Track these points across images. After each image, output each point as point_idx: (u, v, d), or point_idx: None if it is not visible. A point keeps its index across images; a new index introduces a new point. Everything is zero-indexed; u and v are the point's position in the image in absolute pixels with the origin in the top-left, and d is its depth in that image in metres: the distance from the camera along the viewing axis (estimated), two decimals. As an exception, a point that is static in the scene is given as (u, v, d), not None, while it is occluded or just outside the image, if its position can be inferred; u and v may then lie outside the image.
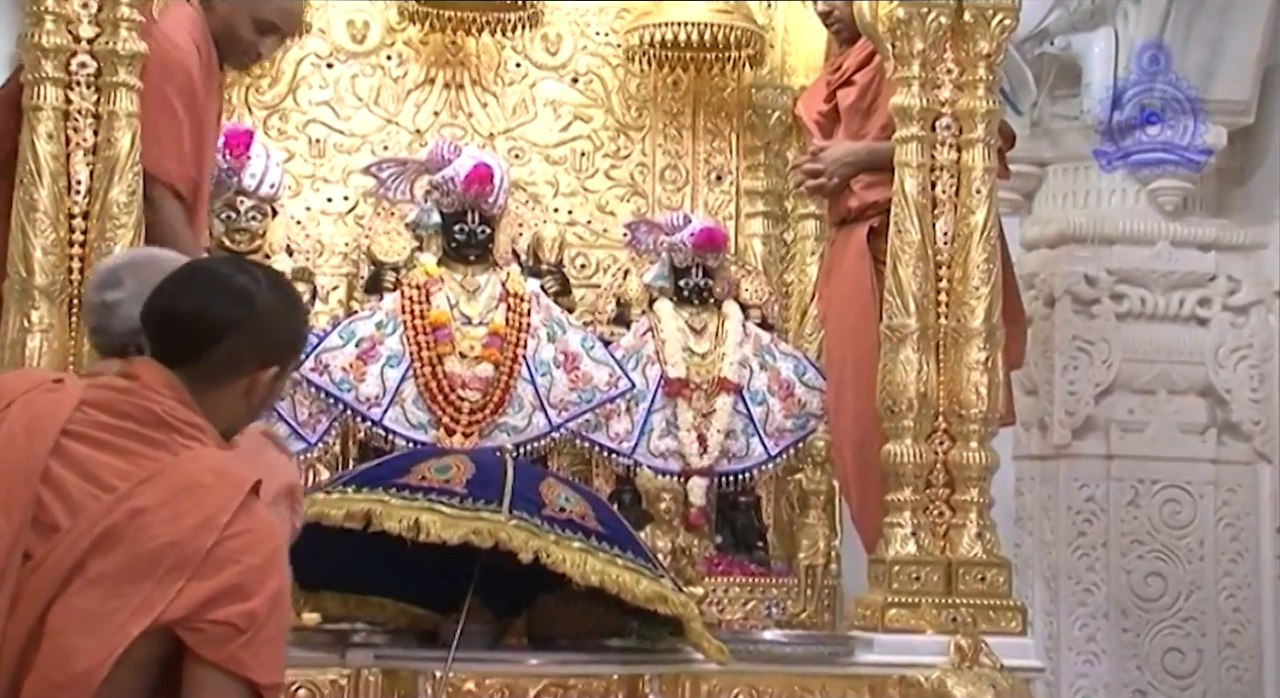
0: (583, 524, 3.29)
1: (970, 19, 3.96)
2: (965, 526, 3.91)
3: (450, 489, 3.26)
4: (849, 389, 4.12)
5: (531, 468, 3.62)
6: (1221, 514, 5.12)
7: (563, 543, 3.22)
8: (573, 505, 3.32)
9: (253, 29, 3.81)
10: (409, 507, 3.22)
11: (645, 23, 4.70)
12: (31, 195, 3.51)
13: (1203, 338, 5.15)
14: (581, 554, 3.21)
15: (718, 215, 4.82)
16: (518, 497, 3.26)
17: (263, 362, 2.25)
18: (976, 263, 3.94)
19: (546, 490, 3.33)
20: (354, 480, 3.38)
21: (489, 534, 3.17)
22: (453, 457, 3.44)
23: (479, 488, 3.27)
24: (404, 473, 3.33)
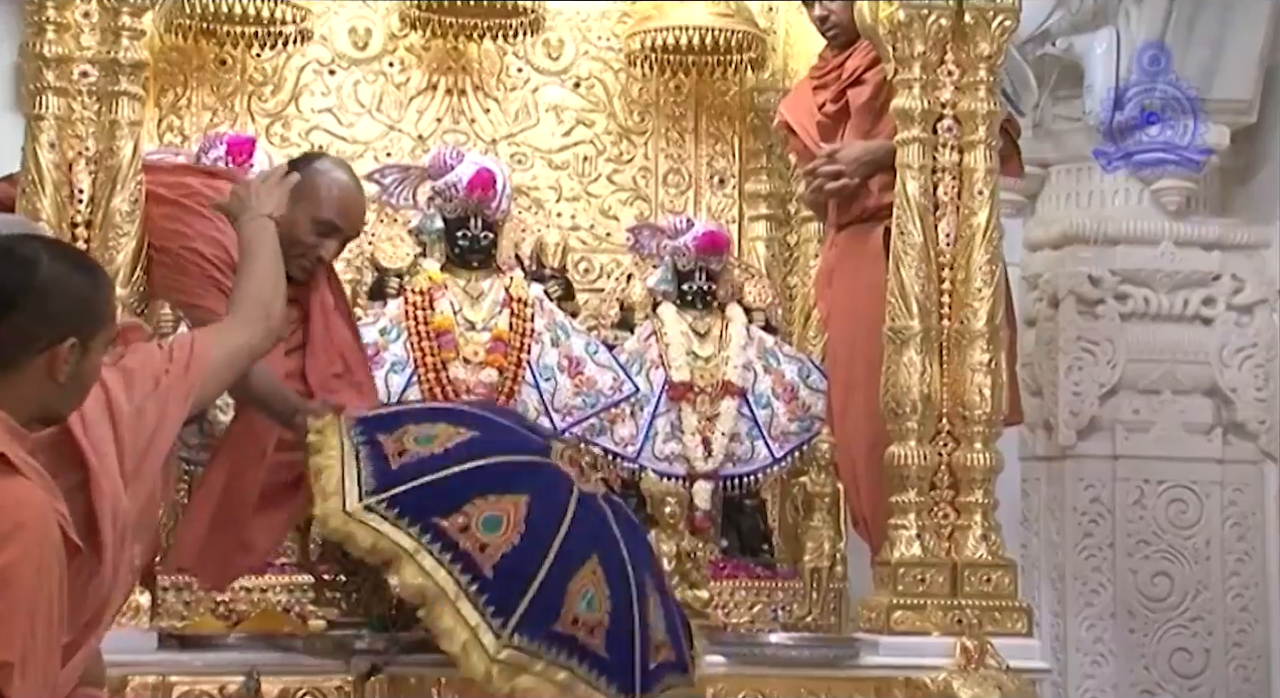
0: (585, 645, 3.16)
1: (971, 21, 3.96)
2: (970, 527, 3.91)
3: (478, 568, 3.12)
4: (860, 390, 4.12)
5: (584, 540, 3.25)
6: (1228, 514, 5.11)
7: (545, 675, 3.12)
8: (593, 613, 3.18)
9: (313, 232, 3.62)
10: (428, 585, 3.11)
11: (647, 27, 4.71)
12: (34, 205, 3.52)
13: (1207, 337, 5.15)
14: (560, 692, 3.12)
15: (720, 219, 4.83)
16: (534, 607, 3.13)
17: (57, 335, 2.20)
18: (979, 264, 3.94)
19: (576, 586, 3.17)
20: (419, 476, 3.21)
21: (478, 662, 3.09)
22: (511, 499, 3.21)
23: (503, 579, 3.13)
24: (456, 509, 3.17)
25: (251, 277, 2.95)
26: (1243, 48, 5.08)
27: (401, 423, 3.37)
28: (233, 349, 2.77)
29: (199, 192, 3.60)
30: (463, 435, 3.31)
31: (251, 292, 2.90)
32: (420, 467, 3.23)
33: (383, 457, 3.25)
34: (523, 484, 3.26)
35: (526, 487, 3.25)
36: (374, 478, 3.22)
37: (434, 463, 3.25)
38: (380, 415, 3.47)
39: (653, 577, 3.38)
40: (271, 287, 2.93)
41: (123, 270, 3.55)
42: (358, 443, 3.28)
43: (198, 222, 3.55)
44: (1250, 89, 5.12)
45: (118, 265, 3.55)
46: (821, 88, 4.40)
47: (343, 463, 3.24)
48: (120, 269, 3.55)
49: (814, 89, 4.43)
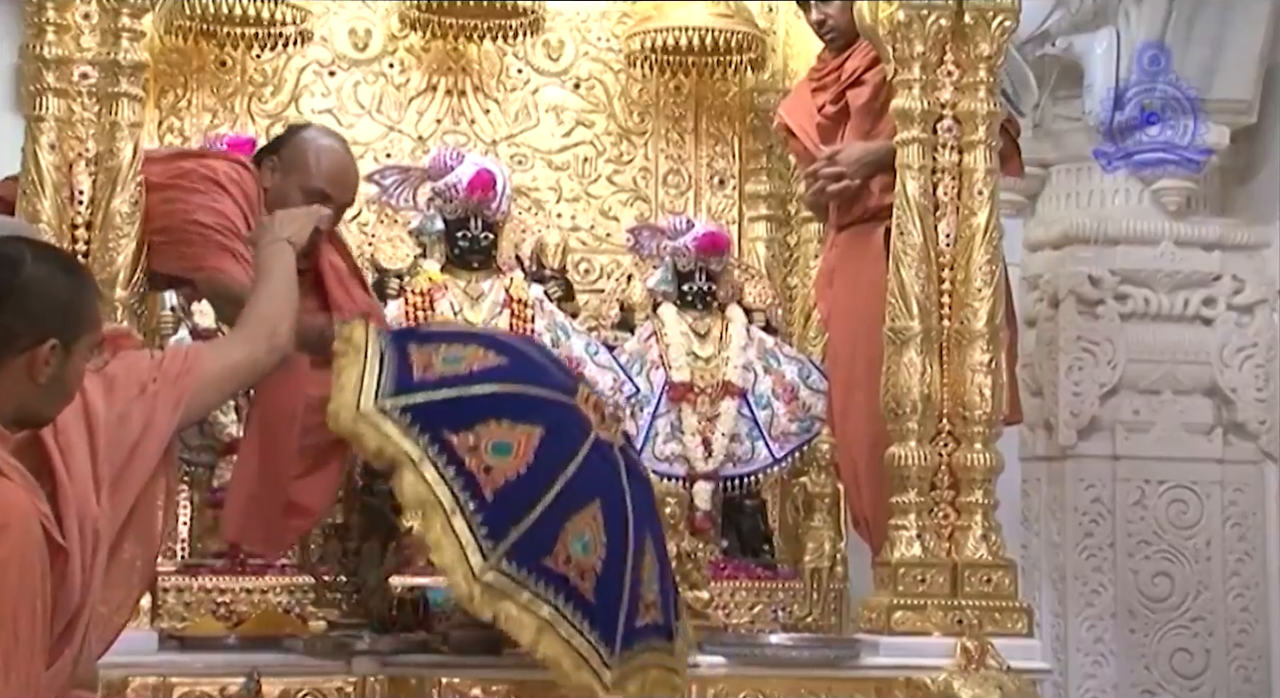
0: (574, 586, 3.11)
1: (970, 21, 3.96)
2: (970, 527, 3.90)
3: (479, 489, 3.08)
4: (860, 390, 4.12)
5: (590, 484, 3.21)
6: (1228, 514, 5.11)
7: (529, 608, 3.09)
8: (586, 557, 3.13)
9: (305, 202, 3.57)
10: (426, 495, 3.06)
11: (646, 28, 4.71)
12: (34, 206, 3.52)
13: (1207, 338, 5.15)
14: (539, 630, 3.08)
15: (721, 219, 4.83)
16: (527, 538, 3.09)
17: (38, 336, 2.19)
18: (979, 265, 3.94)
19: (573, 527, 3.13)
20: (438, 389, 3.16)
21: (462, 581, 3.05)
22: (525, 429, 3.15)
23: (502, 504, 3.09)
24: (468, 427, 3.10)
25: (261, 295, 2.96)
26: (1242, 48, 5.09)
27: (435, 341, 3.33)
28: (231, 363, 2.76)
29: (193, 170, 3.61)
30: (490, 361, 3.26)
31: (260, 309, 2.91)
32: (442, 381, 3.19)
33: (408, 367, 3.21)
34: (540, 417, 3.20)
35: (543, 420, 3.19)
36: (392, 383, 3.17)
37: (456, 381, 3.19)
38: (415, 330, 3.48)
39: (654, 538, 3.33)
40: (281, 306, 2.92)
41: (122, 272, 3.55)
42: (384, 349, 3.23)
43: (194, 196, 3.55)
44: (1250, 89, 5.12)
45: (118, 267, 3.55)
46: (821, 90, 4.40)
47: (365, 365, 3.18)
48: (120, 271, 3.55)
49: (813, 91, 4.43)
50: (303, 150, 3.67)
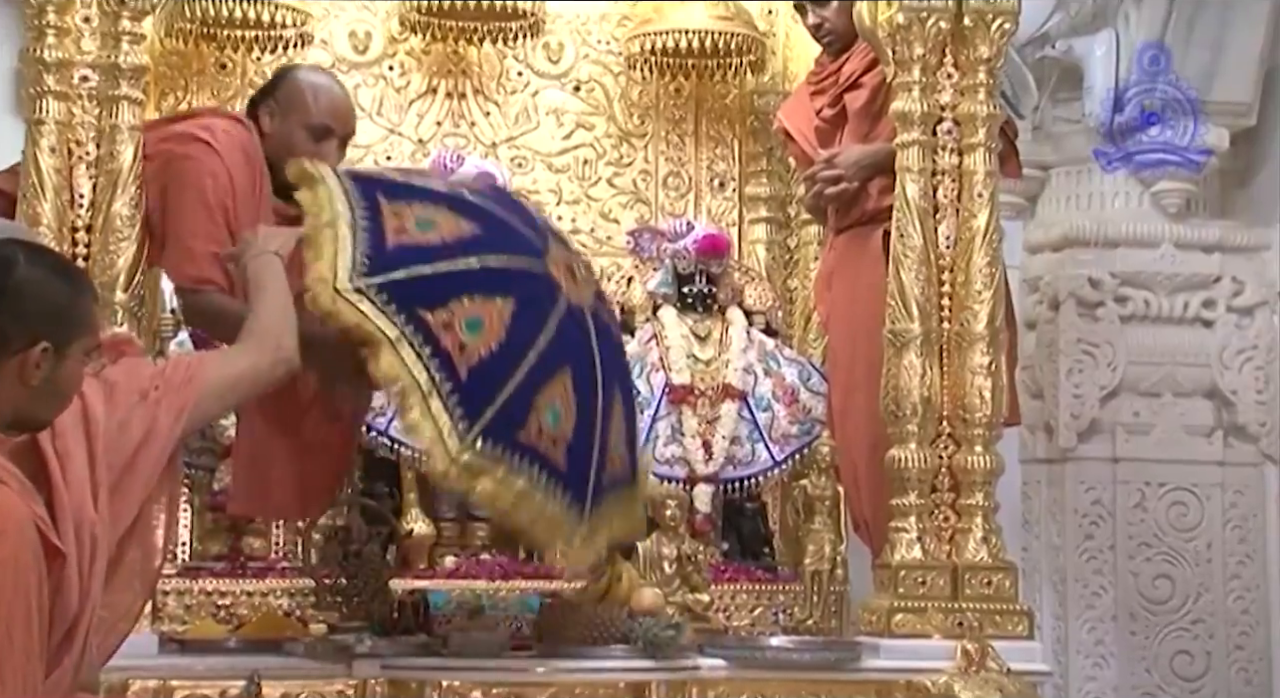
0: (546, 456, 3.20)
1: (970, 23, 3.96)
2: (971, 530, 3.90)
3: (454, 368, 3.13)
4: (860, 392, 4.12)
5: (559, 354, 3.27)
6: (1229, 516, 5.11)
7: (505, 482, 3.16)
8: (556, 426, 3.23)
9: (310, 139, 3.63)
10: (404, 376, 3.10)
11: (646, 30, 4.71)
12: (34, 209, 3.51)
13: (1208, 340, 5.15)
14: (514, 502, 3.17)
15: (721, 222, 4.83)
16: (501, 415, 3.15)
17: (29, 338, 2.19)
18: (979, 267, 3.94)
19: (544, 399, 3.21)
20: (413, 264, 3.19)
21: (440, 461, 3.12)
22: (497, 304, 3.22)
23: (476, 383, 3.15)
24: (443, 304, 3.16)
25: (262, 307, 2.94)
26: (1242, 50, 5.09)
27: (404, 197, 3.34)
28: (235, 373, 2.75)
29: (183, 133, 3.62)
30: (464, 230, 3.30)
31: (263, 321, 2.89)
32: (417, 254, 3.22)
33: (380, 234, 3.22)
34: (511, 289, 3.27)
35: (514, 292, 3.26)
36: (368, 258, 3.19)
37: (429, 254, 3.23)
38: (381, 178, 3.45)
39: (623, 394, 3.46)
40: (281, 318, 2.91)
41: (123, 275, 3.55)
42: (355, 205, 3.24)
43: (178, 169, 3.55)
44: (1250, 91, 5.12)
45: (118, 270, 3.55)
46: (819, 93, 4.40)
47: (337, 232, 3.20)
48: (120, 274, 3.55)
49: (811, 95, 4.43)
50: (299, 90, 3.69)
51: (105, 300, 3.53)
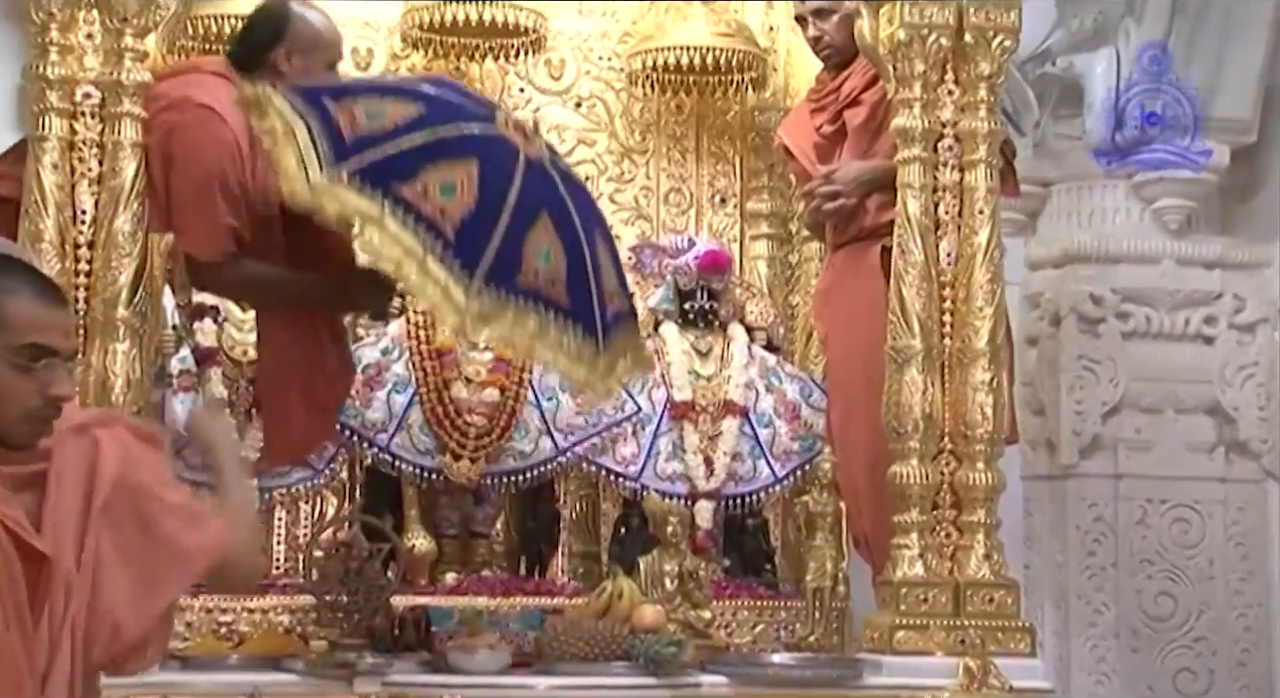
0: (548, 296, 3.40)
1: (971, 40, 3.97)
2: (973, 547, 3.90)
3: (440, 228, 3.31)
4: (860, 408, 4.12)
5: (533, 199, 3.46)
6: (1231, 533, 5.10)
7: (517, 323, 3.35)
8: (550, 265, 3.42)
9: (328, 72, 3.78)
10: (396, 248, 3.27)
11: (648, 47, 4.72)
12: (37, 226, 3.52)
13: (1209, 356, 5.14)
14: (533, 339, 3.37)
15: (722, 238, 4.83)
16: (497, 262, 3.34)
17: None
18: (980, 283, 3.94)
19: (531, 244, 3.39)
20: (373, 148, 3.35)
21: (450, 315, 3.34)
22: (463, 166, 3.39)
23: (465, 238, 3.32)
24: (413, 177, 3.33)
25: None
26: (1242, 67, 5.10)
27: (350, 95, 3.50)
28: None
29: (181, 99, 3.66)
30: (410, 112, 3.45)
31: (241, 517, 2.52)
32: (374, 141, 3.37)
33: (335, 128, 3.37)
34: (471, 151, 3.44)
35: (475, 153, 3.44)
36: (332, 151, 3.34)
37: (386, 138, 3.38)
38: (321, 87, 3.58)
39: (601, 235, 3.63)
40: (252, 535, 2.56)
41: (124, 291, 3.56)
42: (304, 114, 3.38)
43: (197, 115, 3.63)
44: (1250, 108, 5.12)
45: (120, 286, 3.55)
46: (819, 110, 4.41)
47: (296, 140, 3.35)
48: (122, 290, 3.56)
49: (812, 111, 4.44)
50: (314, 31, 3.77)
51: (107, 316, 3.54)
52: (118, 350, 3.57)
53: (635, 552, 4.24)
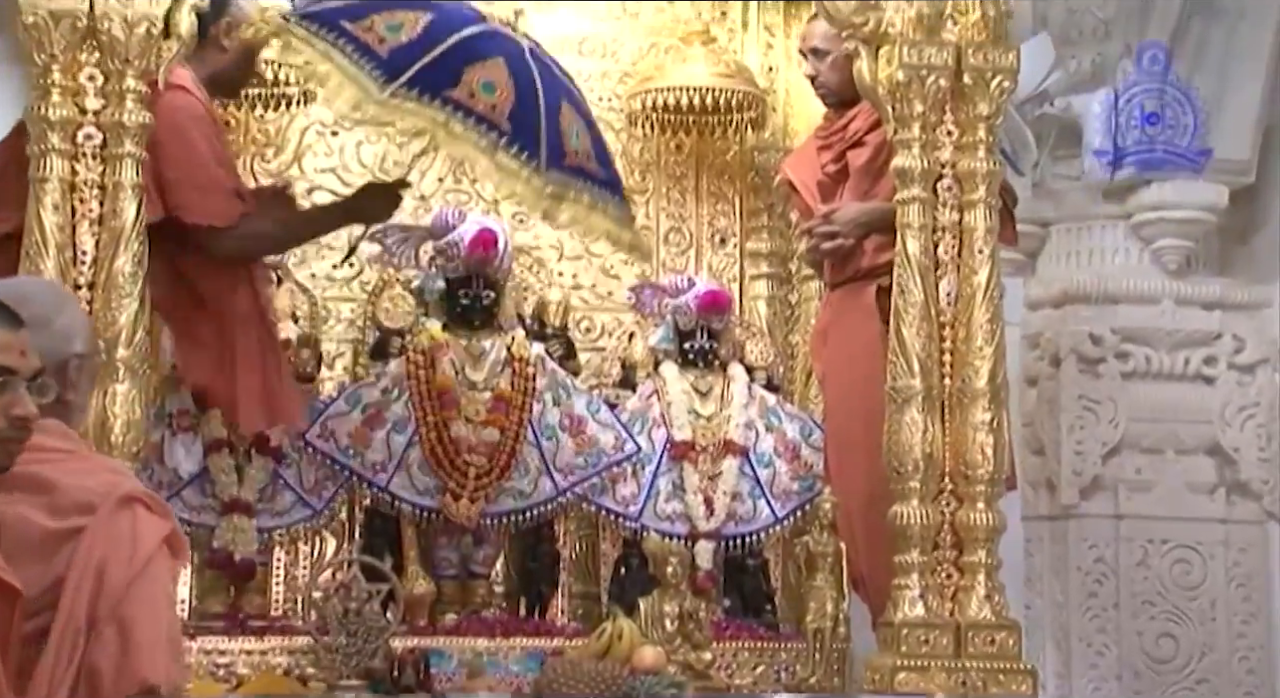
0: (588, 171, 3.78)
1: (969, 81, 3.99)
2: (974, 587, 3.89)
3: (498, 125, 3.64)
4: (858, 448, 4.12)
5: (550, 85, 3.82)
6: (1233, 575, 5.09)
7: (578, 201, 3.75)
8: (580, 143, 3.78)
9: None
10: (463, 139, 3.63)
11: (647, 87, 4.73)
12: (38, 267, 3.53)
13: (1209, 397, 5.14)
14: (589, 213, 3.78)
15: (722, 278, 4.84)
16: (426, 74, 3.62)
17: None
18: (980, 323, 3.95)
19: (475, 72, 3.67)
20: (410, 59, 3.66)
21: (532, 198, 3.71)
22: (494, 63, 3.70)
23: (519, 130, 3.66)
24: (458, 81, 3.64)
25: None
26: (1240, 108, 5.12)
27: (360, 12, 3.74)
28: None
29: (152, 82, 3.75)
30: (423, 19, 3.73)
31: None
32: (409, 53, 3.66)
33: (365, 46, 3.66)
34: (493, 48, 3.77)
35: (497, 51, 3.77)
36: (379, 69, 3.64)
37: (417, 47, 3.67)
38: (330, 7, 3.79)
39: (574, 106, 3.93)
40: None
41: (125, 331, 3.56)
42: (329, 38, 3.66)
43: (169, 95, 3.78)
44: (1248, 149, 5.14)
45: (120, 326, 3.56)
46: (825, 148, 4.44)
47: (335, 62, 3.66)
48: (122, 330, 3.56)
49: (818, 148, 4.47)
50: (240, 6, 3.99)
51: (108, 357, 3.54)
52: (117, 391, 3.57)
53: (635, 592, 4.22)
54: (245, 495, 4.13)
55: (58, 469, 2.36)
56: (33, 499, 2.32)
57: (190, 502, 4.09)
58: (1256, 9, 5.11)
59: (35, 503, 2.32)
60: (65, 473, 2.36)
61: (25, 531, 2.30)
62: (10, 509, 2.30)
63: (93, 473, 2.38)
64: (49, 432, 2.38)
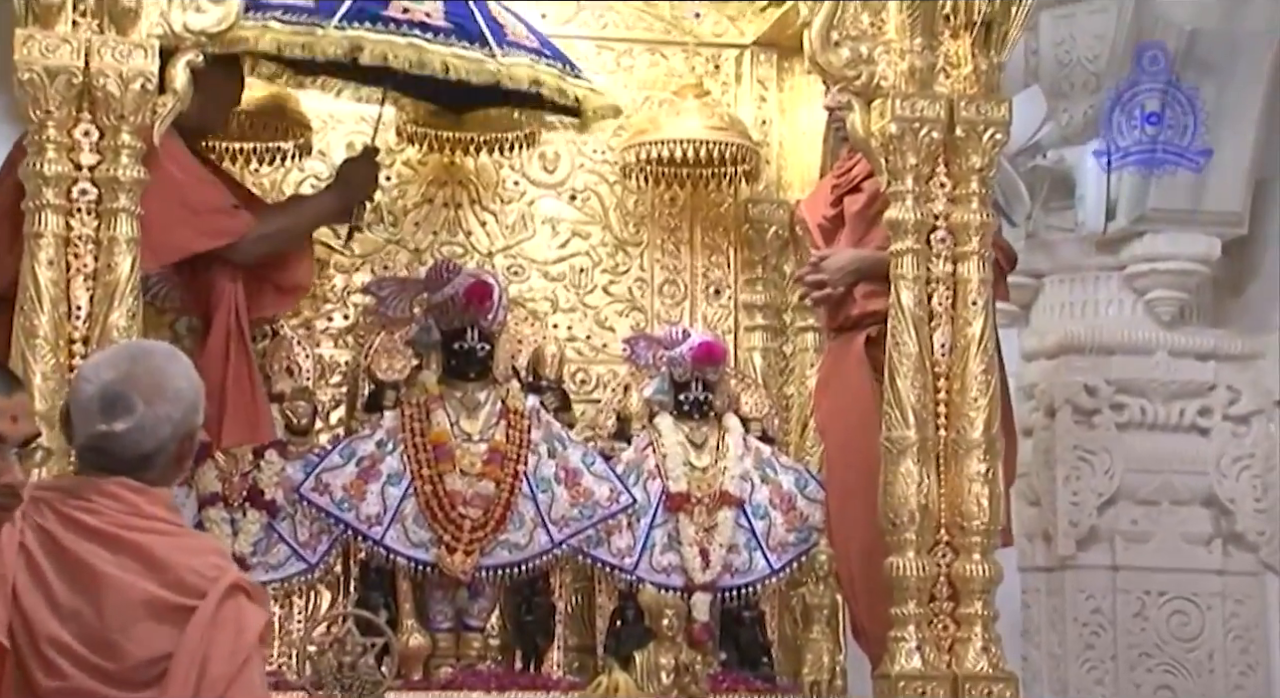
0: (420, 20, 3.95)
1: (962, 134, 4.00)
2: (970, 639, 3.88)
3: (436, 25, 3.95)
4: (853, 500, 4.11)
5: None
6: (1230, 626, 5.07)
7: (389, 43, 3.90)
8: (420, 5, 3.98)
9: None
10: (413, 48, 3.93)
11: (642, 140, 4.75)
12: (32, 322, 3.53)
13: (1204, 448, 5.14)
14: (408, 47, 3.93)
15: (716, 329, 4.84)
16: (355, 8, 3.92)
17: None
18: (974, 374, 3.95)
19: (494, 10, 4.05)
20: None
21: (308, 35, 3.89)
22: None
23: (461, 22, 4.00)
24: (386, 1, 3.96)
25: None
26: (1232, 161, 5.14)
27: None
28: None
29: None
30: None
31: None
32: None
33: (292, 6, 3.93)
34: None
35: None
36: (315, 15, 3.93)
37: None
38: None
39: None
40: None
41: (119, 386, 3.55)
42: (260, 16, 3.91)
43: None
44: (1240, 201, 5.17)
45: (114, 381, 3.54)
46: (835, 188, 4.46)
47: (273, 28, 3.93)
48: (116, 384, 3.54)
49: (831, 188, 4.48)
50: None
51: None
52: (112, 446, 3.56)
53: (631, 645, 4.21)
54: (239, 549, 4.12)
55: (166, 544, 2.39)
56: (140, 569, 2.35)
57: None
58: (1247, 63, 5.14)
59: (142, 572, 2.35)
60: (174, 549, 2.38)
61: (130, 594, 2.33)
62: (117, 572, 2.33)
63: (199, 553, 2.41)
64: (161, 501, 2.42)
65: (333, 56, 3.96)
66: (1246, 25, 5.13)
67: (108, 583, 2.32)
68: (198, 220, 3.94)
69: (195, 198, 3.95)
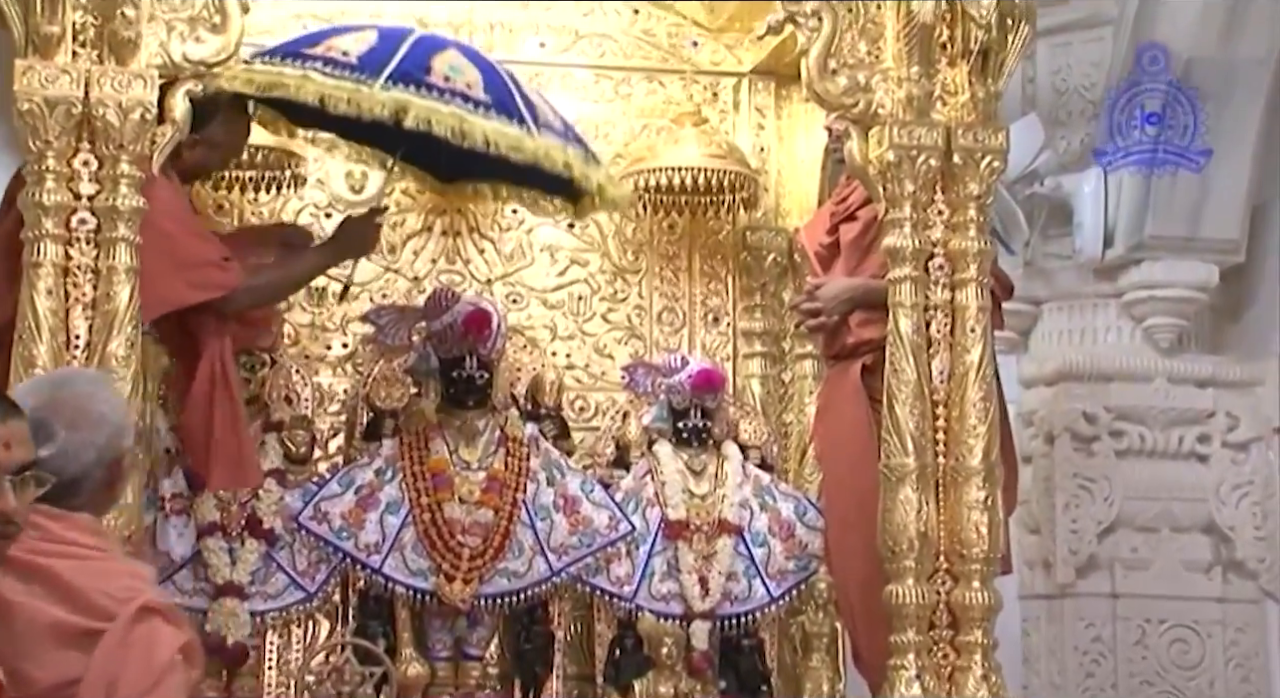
0: (459, 91, 3.94)
1: (959, 161, 4.01)
2: (970, 667, 3.87)
3: (475, 97, 3.94)
4: (851, 527, 4.11)
5: (434, 39, 4.17)
6: (1230, 654, 5.06)
7: (432, 109, 3.87)
8: (460, 76, 3.97)
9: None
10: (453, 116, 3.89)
11: (640, 168, 4.76)
12: (30, 351, 3.53)
13: (1204, 475, 5.14)
14: (451, 119, 3.89)
15: (715, 356, 4.84)
16: (399, 69, 3.92)
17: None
18: (973, 401, 3.95)
19: (437, 61, 3.98)
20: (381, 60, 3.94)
21: (351, 94, 3.86)
22: (449, 52, 4.06)
23: (366, 60, 3.92)
24: (428, 69, 3.95)
25: None
26: (1229, 188, 5.15)
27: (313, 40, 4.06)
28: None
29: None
30: (370, 36, 4.04)
31: None
32: (376, 56, 3.95)
33: (334, 61, 3.93)
34: (442, 43, 4.13)
35: (447, 44, 4.13)
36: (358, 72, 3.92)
37: (380, 53, 3.96)
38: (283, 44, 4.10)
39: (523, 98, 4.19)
40: None
41: (118, 416, 3.55)
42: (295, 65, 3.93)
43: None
44: (1237, 228, 5.17)
45: (112, 410, 3.54)
46: (833, 214, 4.46)
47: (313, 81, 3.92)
48: (115, 414, 3.54)
49: (830, 215, 4.49)
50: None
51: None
52: (111, 475, 3.55)
53: (630, 673, 4.20)
54: (238, 579, 4.11)
55: (77, 568, 2.37)
56: (48, 595, 2.34)
57: (182, 586, 4.07)
58: (1243, 90, 5.15)
59: (51, 598, 2.34)
60: (84, 572, 2.37)
61: (37, 620, 2.32)
62: (25, 600, 2.32)
63: (112, 576, 2.40)
64: (79, 526, 2.41)
65: (378, 116, 3.91)
66: (1243, 53, 5.14)
67: (16, 612, 2.31)
68: (189, 274, 3.90)
69: (186, 252, 3.91)
